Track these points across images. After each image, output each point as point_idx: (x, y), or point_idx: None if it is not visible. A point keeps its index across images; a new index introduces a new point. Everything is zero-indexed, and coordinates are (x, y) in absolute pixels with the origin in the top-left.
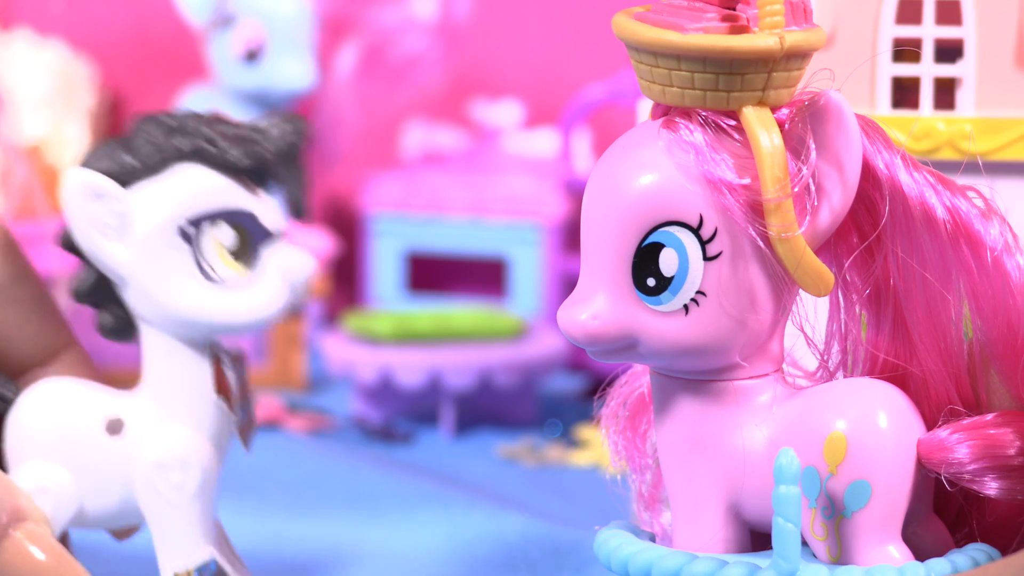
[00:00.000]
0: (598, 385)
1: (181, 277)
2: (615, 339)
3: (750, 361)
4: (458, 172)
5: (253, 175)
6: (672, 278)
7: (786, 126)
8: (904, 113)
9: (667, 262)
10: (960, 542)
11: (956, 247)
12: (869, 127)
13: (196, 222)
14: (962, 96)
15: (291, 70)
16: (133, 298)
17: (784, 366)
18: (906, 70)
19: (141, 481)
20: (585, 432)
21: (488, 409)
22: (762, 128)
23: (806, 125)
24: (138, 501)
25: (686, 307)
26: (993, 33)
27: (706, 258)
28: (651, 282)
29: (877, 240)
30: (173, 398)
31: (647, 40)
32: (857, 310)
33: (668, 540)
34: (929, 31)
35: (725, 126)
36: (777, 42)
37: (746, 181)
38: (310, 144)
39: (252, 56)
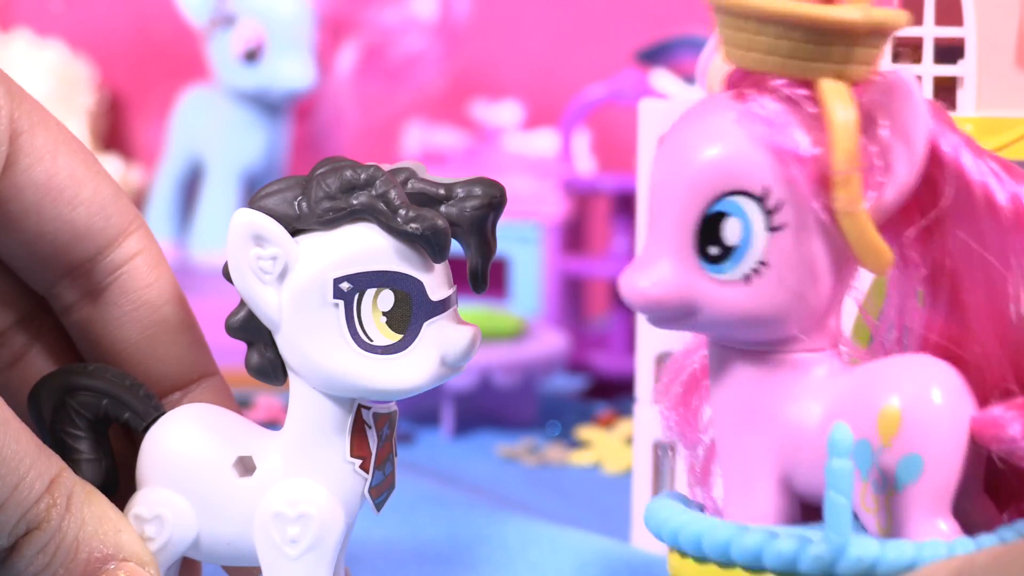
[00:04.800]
0: (598, 385)
1: (331, 335)
2: (675, 306)
3: (808, 334)
4: (458, 172)
5: (428, 242)
6: (735, 247)
7: (858, 100)
8: None
9: (731, 231)
10: (1010, 521)
11: (1018, 233)
12: (935, 110)
13: (355, 282)
14: (962, 96)
15: (291, 70)
16: (281, 345)
17: (840, 346)
18: (906, 70)
19: (259, 527)
20: (585, 432)
21: (488, 409)
22: (838, 100)
23: (876, 101)
24: (255, 545)
25: (747, 277)
26: (993, 33)
27: (769, 229)
28: (714, 250)
29: (938, 221)
30: (306, 451)
31: (733, 2)
32: (916, 290)
33: (719, 514)
34: (929, 31)
35: (797, 97)
36: (863, 15)
37: (817, 152)
38: (501, 212)
39: (252, 56)
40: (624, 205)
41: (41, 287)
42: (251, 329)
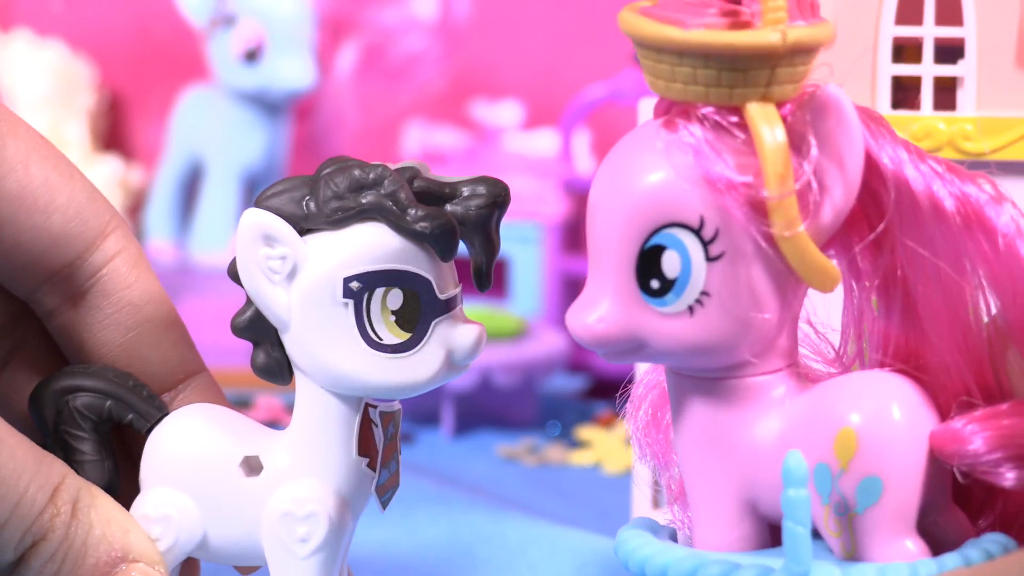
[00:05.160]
0: (598, 385)
1: (340, 334)
2: (622, 341)
3: (761, 357)
4: (458, 172)
5: (438, 241)
6: (675, 280)
7: (788, 120)
8: (904, 113)
9: (670, 264)
10: (984, 530)
11: (970, 234)
12: (872, 120)
13: (365, 281)
14: (962, 96)
15: (291, 70)
16: (289, 345)
17: (805, 350)
18: (906, 70)
19: (267, 527)
20: (585, 432)
21: (488, 409)
22: (765, 124)
23: (806, 120)
24: (262, 545)
25: (691, 308)
26: (993, 33)
27: (709, 259)
28: (655, 284)
29: (885, 232)
30: (314, 450)
31: (649, 36)
32: (873, 301)
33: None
34: (929, 31)
35: (726, 124)
36: (780, 38)
37: (747, 179)
38: (505, 210)
39: (252, 56)
40: None
41: (22, 294)
42: (258, 329)
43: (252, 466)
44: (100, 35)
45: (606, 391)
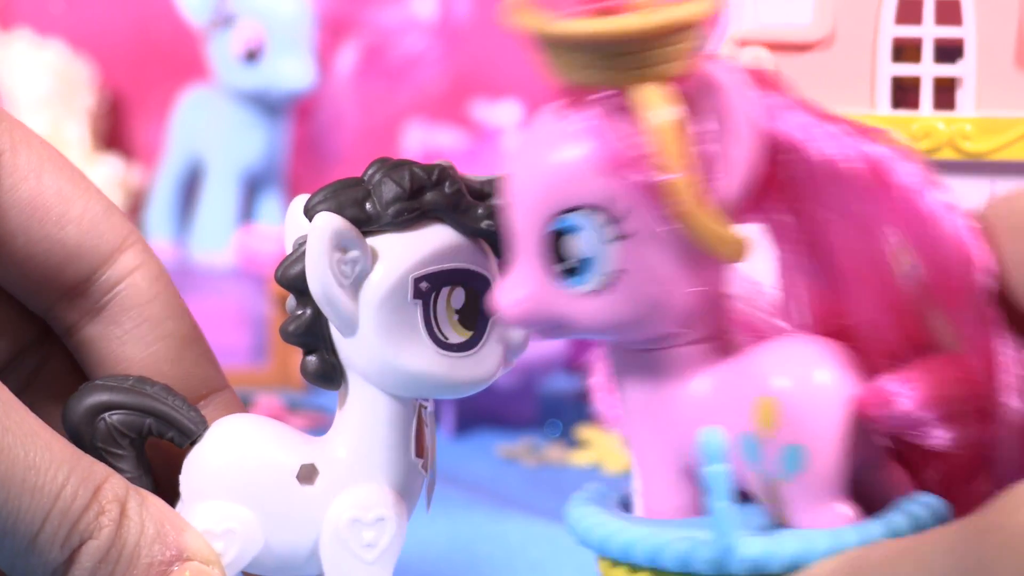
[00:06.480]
0: None
1: (409, 335)
2: (540, 321)
3: (688, 327)
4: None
5: (499, 238)
6: (584, 261)
7: (681, 97)
8: (904, 113)
9: (576, 246)
10: (928, 483)
11: (877, 194)
12: (767, 86)
13: (433, 281)
14: (962, 96)
15: (291, 70)
16: (352, 348)
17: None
18: (906, 70)
19: (331, 536)
20: (585, 432)
21: (488, 409)
22: (654, 105)
23: (696, 98)
24: (321, 554)
25: (602, 287)
26: (993, 33)
27: (614, 239)
28: (565, 266)
29: (795, 197)
30: (374, 455)
31: (527, 27)
32: (801, 263)
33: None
34: (929, 31)
35: (620, 106)
36: (651, 22)
37: (643, 158)
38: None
39: (252, 56)
40: None
41: (40, 310)
42: (314, 334)
43: (308, 474)
44: (100, 35)
45: None
